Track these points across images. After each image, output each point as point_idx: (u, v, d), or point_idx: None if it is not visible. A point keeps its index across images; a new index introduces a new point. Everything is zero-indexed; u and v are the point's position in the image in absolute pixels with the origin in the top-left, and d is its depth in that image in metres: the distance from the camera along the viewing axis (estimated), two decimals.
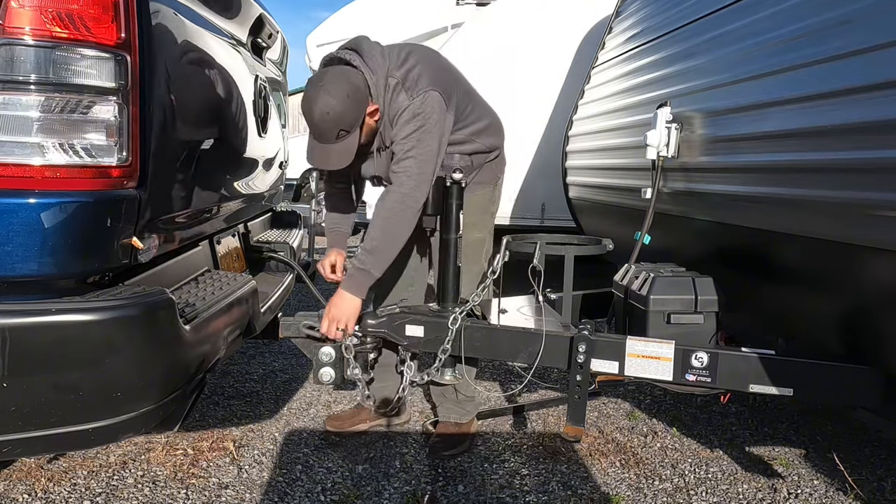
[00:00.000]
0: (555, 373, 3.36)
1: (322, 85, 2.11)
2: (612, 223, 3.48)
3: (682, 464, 2.58)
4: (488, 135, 2.51)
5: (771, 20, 2.22)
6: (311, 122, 2.13)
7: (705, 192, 2.46)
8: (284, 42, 3.30)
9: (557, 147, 4.40)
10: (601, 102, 3.79)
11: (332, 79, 2.13)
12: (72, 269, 1.45)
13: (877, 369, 1.89)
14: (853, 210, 1.73)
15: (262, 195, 2.93)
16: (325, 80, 2.13)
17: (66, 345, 1.41)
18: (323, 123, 2.10)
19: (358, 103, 2.13)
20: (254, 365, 3.61)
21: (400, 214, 2.18)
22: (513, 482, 2.42)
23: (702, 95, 2.54)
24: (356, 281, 2.21)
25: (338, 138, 2.13)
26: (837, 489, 2.38)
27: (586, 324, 2.17)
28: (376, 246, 2.20)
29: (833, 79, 1.83)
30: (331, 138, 2.13)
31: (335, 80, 2.13)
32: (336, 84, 2.11)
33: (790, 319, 2.20)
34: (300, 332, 2.31)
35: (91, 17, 1.39)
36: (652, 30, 3.33)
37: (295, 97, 18.87)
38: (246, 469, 2.44)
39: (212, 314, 1.72)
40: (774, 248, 2.13)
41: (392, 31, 6.23)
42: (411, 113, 2.16)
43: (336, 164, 2.19)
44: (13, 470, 2.30)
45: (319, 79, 2.15)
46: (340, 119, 2.10)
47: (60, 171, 1.40)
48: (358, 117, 2.15)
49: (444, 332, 2.22)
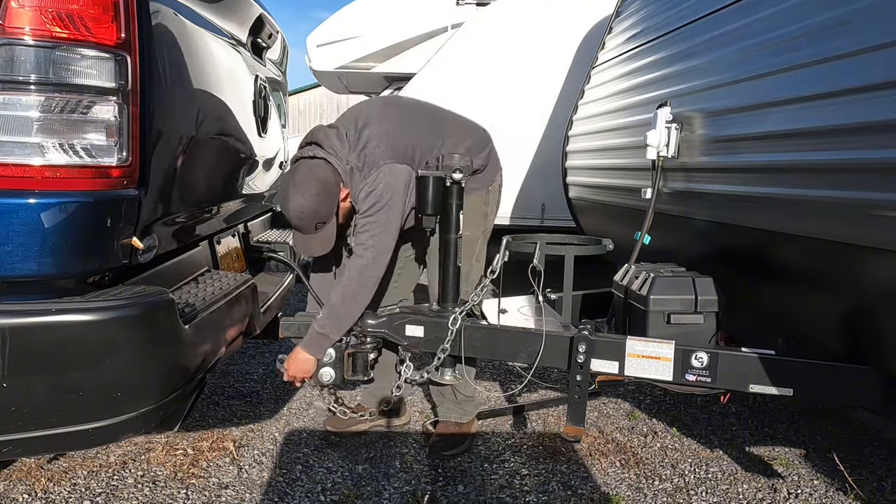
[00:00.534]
0: (555, 373, 3.36)
1: (293, 185, 2.25)
2: (612, 223, 3.48)
3: (682, 464, 2.58)
4: (472, 156, 2.46)
5: (771, 20, 2.22)
6: (289, 219, 2.28)
7: (705, 192, 2.46)
8: (284, 42, 3.30)
9: (557, 147, 4.40)
10: (601, 102, 3.79)
11: (301, 178, 2.26)
12: (72, 269, 1.45)
13: (877, 369, 1.89)
14: (853, 210, 1.73)
15: (262, 195, 2.93)
16: (296, 179, 2.26)
17: (66, 345, 1.41)
18: (300, 221, 2.25)
19: (329, 196, 2.26)
20: (254, 365, 3.61)
21: (358, 283, 2.28)
22: (513, 482, 2.42)
23: (702, 95, 2.54)
24: (315, 342, 2.31)
25: (316, 229, 2.28)
26: (837, 489, 2.38)
27: (586, 324, 2.17)
28: (335, 312, 2.30)
29: (833, 79, 1.82)
30: (310, 230, 2.28)
31: (304, 180, 2.25)
32: (306, 183, 2.24)
33: (790, 319, 2.20)
34: (278, 368, 2.40)
35: (91, 17, 1.39)
36: (652, 30, 3.33)
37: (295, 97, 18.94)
38: (246, 469, 2.44)
39: (212, 314, 1.72)
40: (774, 248, 2.13)
41: (392, 31, 6.25)
42: (365, 193, 2.28)
43: (319, 250, 2.35)
44: (13, 470, 2.30)
45: (291, 179, 2.29)
46: (315, 214, 2.25)
47: (60, 172, 1.40)
48: (332, 208, 2.29)
49: (444, 332, 2.23)
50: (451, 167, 2.28)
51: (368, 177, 2.28)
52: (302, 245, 2.35)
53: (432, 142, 2.42)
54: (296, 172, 2.29)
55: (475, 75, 5.26)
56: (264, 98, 2.68)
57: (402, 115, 2.50)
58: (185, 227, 1.98)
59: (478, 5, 5.75)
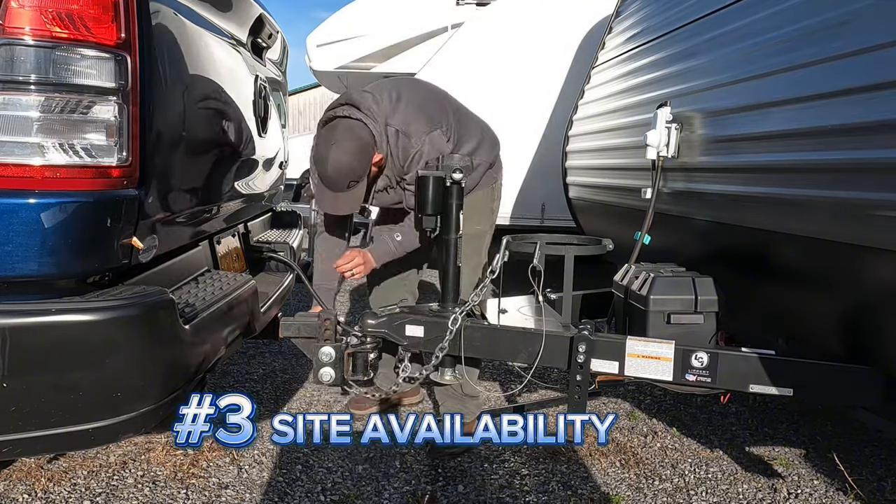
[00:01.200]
0: (555, 373, 3.36)
1: (334, 142, 2.31)
2: (612, 223, 3.48)
3: (682, 464, 2.58)
4: (481, 151, 2.61)
5: (771, 20, 2.22)
6: (324, 175, 2.34)
7: (705, 192, 2.46)
8: (284, 42, 3.30)
9: (557, 147, 4.40)
10: (601, 102, 3.79)
11: (342, 135, 2.32)
12: (72, 269, 1.45)
13: (877, 369, 1.89)
14: (853, 210, 1.73)
15: (262, 195, 2.93)
16: (336, 136, 2.32)
17: (66, 345, 1.41)
18: (336, 176, 2.32)
19: (366, 156, 2.34)
20: (254, 365, 3.61)
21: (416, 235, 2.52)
22: (513, 482, 2.42)
23: (702, 95, 2.54)
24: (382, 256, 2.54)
25: (348, 187, 2.34)
26: (837, 489, 2.38)
27: (586, 324, 2.16)
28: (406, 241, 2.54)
29: (833, 79, 1.82)
30: (342, 188, 2.34)
31: (345, 137, 2.31)
32: (347, 141, 2.31)
33: (790, 319, 2.20)
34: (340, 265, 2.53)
35: (91, 17, 1.39)
36: (652, 30, 3.33)
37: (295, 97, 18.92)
38: (246, 469, 2.44)
39: (212, 314, 1.72)
40: (774, 248, 2.13)
41: (392, 31, 6.25)
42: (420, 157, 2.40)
43: (346, 209, 2.45)
44: (13, 470, 2.30)
45: (330, 136, 2.34)
46: (351, 172, 2.32)
47: (60, 172, 1.40)
48: (366, 168, 2.36)
49: (444, 332, 2.22)
50: (451, 167, 2.27)
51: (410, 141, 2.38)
52: (329, 203, 2.41)
53: (455, 123, 2.53)
54: (335, 130, 2.34)
55: (475, 75, 5.25)
56: (264, 98, 2.68)
57: (433, 92, 2.64)
58: (185, 227, 1.98)
59: (478, 5, 5.75)
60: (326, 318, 2.27)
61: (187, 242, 2.03)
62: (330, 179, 2.33)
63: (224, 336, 1.85)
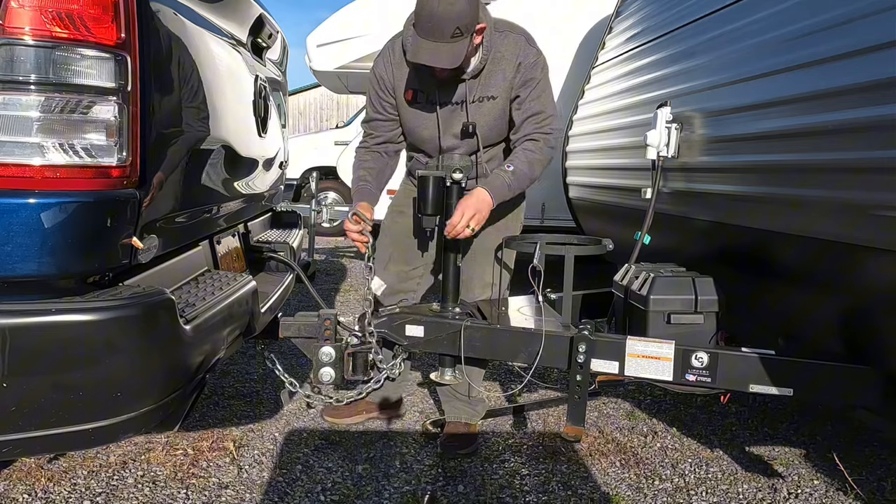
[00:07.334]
0: (555, 373, 3.37)
1: None
2: (612, 223, 3.48)
3: (682, 464, 2.58)
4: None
5: (771, 20, 2.22)
6: (431, 15, 2.11)
7: (705, 192, 2.46)
8: (284, 42, 3.30)
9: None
10: (601, 102, 3.79)
11: None
12: (72, 269, 1.45)
13: (877, 369, 1.89)
14: (853, 210, 1.73)
15: (262, 195, 2.93)
16: None
17: (66, 345, 1.41)
18: (446, 15, 2.09)
19: (476, 9, 2.18)
20: (254, 365, 3.61)
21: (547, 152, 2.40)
22: (513, 482, 2.42)
23: (702, 95, 2.54)
24: (499, 189, 2.29)
25: (452, 37, 2.13)
26: (837, 489, 2.38)
27: (586, 324, 2.17)
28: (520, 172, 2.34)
29: (833, 79, 1.83)
30: (446, 35, 2.12)
31: None
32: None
33: (790, 319, 2.20)
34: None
35: (91, 17, 1.39)
36: (652, 30, 3.33)
37: (295, 97, 18.89)
38: (246, 469, 2.44)
39: (212, 314, 1.71)
40: (774, 248, 2.13)
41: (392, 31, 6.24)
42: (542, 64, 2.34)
43: (447, 62, 2.17)
44: (13, 470, 2.30)
45: None
46: (461, 15, 2.11)
47: (60, 171, 1.40)
48: (473, 23, 2.17)
49: (444, 332, 2.22)
50: (452, 167, 2.28)
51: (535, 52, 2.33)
52: (428, 54, 2.16)
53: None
54: None
55: None
56: (264, 98, 2.68)
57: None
58: (185, 227, 1.98)
59: None
60: (326, 318, 2.27)
61: (187, 242, 2.03)
62: (437, 20, 2.09)
63: (224, 336, 1.85)
